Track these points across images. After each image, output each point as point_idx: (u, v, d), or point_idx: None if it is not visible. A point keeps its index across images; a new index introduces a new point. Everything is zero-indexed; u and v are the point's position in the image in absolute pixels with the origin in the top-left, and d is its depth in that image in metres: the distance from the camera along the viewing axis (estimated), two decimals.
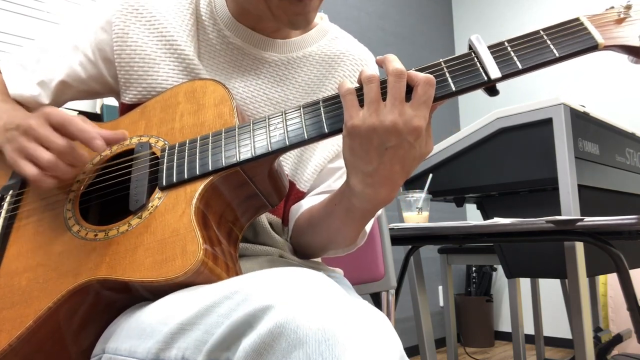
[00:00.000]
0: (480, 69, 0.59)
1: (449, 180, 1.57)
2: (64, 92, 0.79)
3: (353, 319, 0.44)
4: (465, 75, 0.60)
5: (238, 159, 0.62)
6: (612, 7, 0.61)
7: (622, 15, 0.60)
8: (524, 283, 2.29)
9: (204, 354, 0.46)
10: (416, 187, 1.56)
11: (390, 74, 0.57)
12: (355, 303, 0.47)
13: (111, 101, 1.74)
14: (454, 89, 0.59)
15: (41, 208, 0.69)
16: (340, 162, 0.82)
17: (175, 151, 0.66)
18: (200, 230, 0.57)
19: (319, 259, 0.89)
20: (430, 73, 0.60)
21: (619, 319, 2.53)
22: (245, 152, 0.62)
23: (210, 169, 0.62)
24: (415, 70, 0.60)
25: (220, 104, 0.69)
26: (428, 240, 1.52)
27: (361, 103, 0.59)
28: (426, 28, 3.65)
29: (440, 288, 3.30)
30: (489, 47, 0.60)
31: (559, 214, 1.30)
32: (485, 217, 1.71)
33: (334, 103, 0.63)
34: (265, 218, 0.76)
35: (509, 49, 0.60)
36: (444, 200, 1.70)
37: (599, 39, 0.58)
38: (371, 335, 0.44)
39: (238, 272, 0.61)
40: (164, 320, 0.51)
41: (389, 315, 1.21)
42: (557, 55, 0.58)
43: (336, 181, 0.82)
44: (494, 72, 0.58)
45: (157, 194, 0.63)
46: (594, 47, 0.58)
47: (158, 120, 0.71)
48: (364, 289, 1.19)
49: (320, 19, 0.88)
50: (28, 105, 0.78)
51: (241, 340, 0.44)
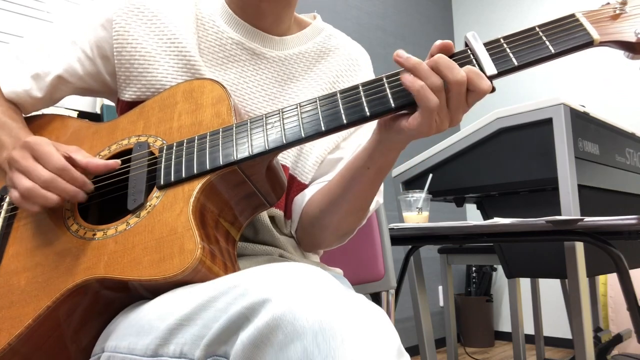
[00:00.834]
0: (476, 65, 0.59)
1: (449, 180, 1.57)
2: (60, 88, 0.79)
3: (350, 311, 0.44)
4: None
5: (235, 158, 0.62)
6: (608, 3, 0.61)
7: (618, 11, 0.60)
8: (524, 283, 2.29)
9: (202, 348, 0.46)
10: (416, 187, 1.56)
11: (456, 83, 0.58)
12: (352, 296, 0.47)
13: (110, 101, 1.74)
14: None
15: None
16: (340, 153, 0.83)
17: (173, 150, 0.66)
18: (197, 228, 0.57)
19: (318, 259, 0.89)
20: None
21: (619, 319, 2.53)
22: (242, 151, 0.62)
23: (207, 167, 0.62)
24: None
25: (218, 103, 0.69)
26: (428, 240, 1.52)
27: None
28: (426, 28, 3.65)
29: (440, 288, 3.30)
30: (485, 44, 0.60)
31: (559, 214, 1.30)
32: (485, 217, 1.71)
33: (330, 102, 0.63)
34: (266, 213, 0.76)
35: (505, 45, 0.60)
36: (444, 200, 1.70)
37: (595, 34, 0.58)
38: (368, 328, 0.44)
39: (236, 271, 0.61)
40: (162, 317, 0.51)
41: (388, 315, 1.21)
42: (553, 51, 0.58)
43: None
44: (490, 69, 0.59)
45: (155, 193, 0.63)
46: (590, 43, 0.59)
47: (156, 119, 0.71)
48: (363, 289, 1.19)
49: (314, 18, 0.89)
50: (22, 103, 0.78)
51: (239, 333, 0.44)
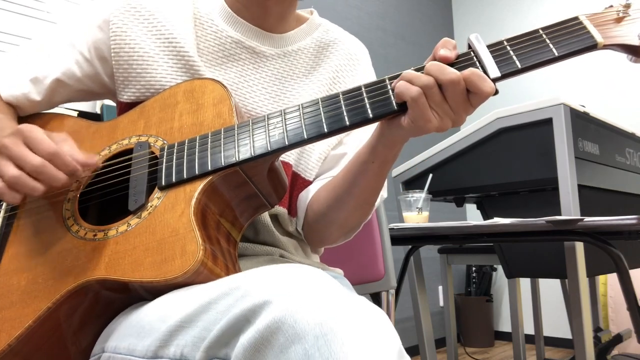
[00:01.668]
0: (480, 68, 0.59)
1: (449, 180, 1.57)
2: (58, 91, 0.79)
3: (351, 314, 0.44)
4: None
5: (237, 159, 0.62)
6: (612, 6, 0.61)
7: (622, 14, 0.60)
8: (524, 283, 2.29)
9: (203, 350, 0.46)
10: (416, 187, 1.56)
11: (449, 84, 0.58)
12: (353, 298, 0.47)
13: (111, 101, 1.74)
14: None
15: (40, 208, 0.68)
16: (343, 149, 0.83)
17: (175, 151, 0.66)
18: (199, 230, 0.57)
19: (318, 259, 0.89)
20: None
21: (619, 319, 2.53)
22: (244, 152, 0.62)
23: (209, 168, 0.62)
24: (414, 69, 0.61)
25: (220, 103, 0.69)
26: (428, 240, 1.52)
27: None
28: (426, 28, 3.64)
29: (440, 288, 3.30)
30: (488, 47, 0.60)
31: (559, 214, 1.30)
32: (485, 217, 1.71)
33: (332, 103, 0.63)
34: (267, 213, 0.76)
35: (508, 48, 0.60)
36: (444, 200, 1.70)
37: (598, 38, 0.58)
38: (369, 330, 0.44)
39: (237, 272, 0.61)
40: (162, 318, 0.51)
41: (388, 315, 1.21)
42: (557, 54, 0.58)
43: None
44: (493, 72, 0.58)
45: (157, 193, 0.63)
46: (593, 46, 0.58)
47: (157, 119, 0.71)
48: (364, 289, 1.19)
49: (311, 14, 0.89)
50: (21, 106, 0.78)
51: (239, 336, 0.44)
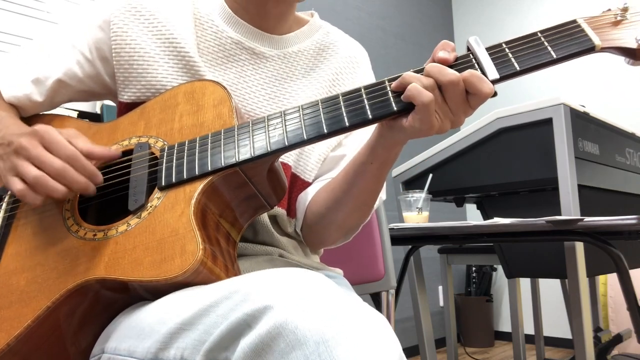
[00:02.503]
0: (479, 70, 0.60)
1: (449, 180, 1.57)
2: (60, 92, 0.79)
3: (352, 320, 0.44)
4: None
5: (237, 159, 0.62)
6: (609, 10, 0.62)
7: (619, 18, 0.61)
8: (524, 283, 2.29)
9: (203, 354, 0.46)
10: (416, 187, 1.56)
11: (449, 84, 0.58)
12: (354, 304, 0.47)
13: (111, 101, 1.74)
14: None
15: (40, 208, 0.68)
16: (343, 150, 0.83)
17: (175, 151, 0.66)
18: (199, 230, 0.57)
19: (318, 259, 0.89)
20: None
21: (619, 319, 2.53)
22: (244, 153, 0.62)
23: (209, 169, 0.62)
24: (414, 71, 0.61)
25: (220, 104, 0.69)
26: (428, 240, 1.52)
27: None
28: (426, 28, 3.65)
29: (440, 288, 3.30)
30: (487, 49, 0.61)
31: (559, 214, 1.30)
32: (485, 217, 1.71)
33: (332, 104, 0.63)
34: (265, 214, 0.76)
35: (507, 50, 0.60)
36: (444, 200, 1.70)
37: (596, 40, 0.59)
38: (370, 337, 0.43)
39: (237, 272, 0.61)
40: (163, 320, 0.51)
41: (388, 315, 1.21)
42: (555, 56, 0.59)
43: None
44: (492, 74, 0.59)
45: (157, 194, 0.63)
46: (591, 49, 0.59)
47: (157, 120, 0.71)
48: (364, 289, 1.19)
49: (311, 16, 0.89)
50: (23, 107, 0.78)
51: (240, 340, 0.44)
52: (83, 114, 1.71)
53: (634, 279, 1.22)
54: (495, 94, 0.59)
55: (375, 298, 1.22)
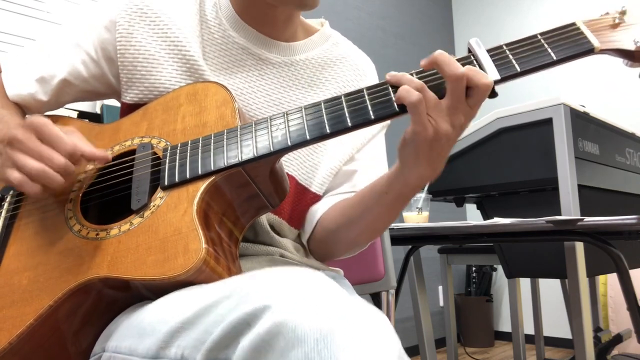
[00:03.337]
0: None
1: (449, 180, 1.58)
2: (65, 91, 0.79)
3: (351, 317, 0.44)
4: None
5: (240, 159, 0.62)
6: (607, 13, 0.63)
7: (617, 21, 0.62)
8: (524, 283, 2.29)
9: (203, 352, 0.46)
10: None
11: (454, 78, 0.58)
12: (353, 302, 0.47)
13: (111, 101, 1.74)
14: None
15: (42, 208, 0.69)
16: (355, 165, 0.83)
17: (177, 151, 0.66)
18: (202, 229, 0.57)
19: None
20: (432, 75, 0.61)
21: (619, 319, 2.53)
22: (247, 153, 0.62)
23: (212, 168, 0.62)
24: (416, 73, 0.62)
25: (222, 105, 0.69)
26: (428, 240, 1.52)
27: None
28: (426, 28, 3.65)
29: (440, 288, 3.30)
30: (488, 51, 0.61)
31: (559, 214, 1.30)
32: (485, 217, 1.71)
33: (334, 104, 0.63)
34: (265, 219, 0.76)
35: (508, 52, 0.61)
36: (444, 200, 1.70)
37: (595, 43, 0.60)
38: (369, 334, 0.44)
39: (239, 271, 0.61)
40: (164, 319, 0.51)
41: (388, 315, 1.21)
42: (555, 58, 0.60)
43: (360, 182, 0.83)
44: (493, 75, 0.60)
45: (159, 193, 0.63)
46: (590, 51, 0.60)
47: (160, 121, 0.71)
48: (364, 289, 1.19)
49: (321, 25, 0.89)
50: (27, 106, 0.78)
51: (240, 339, 0.44)
52: (83, 114, 1.71)
53: (634, 279, 1.22)
54: (496, 94, 0.59)
55: (375, 298, 1.22)
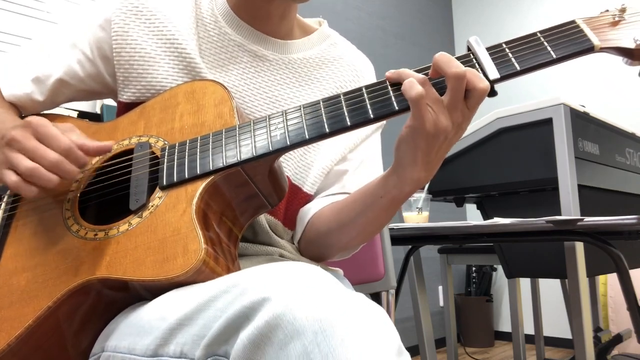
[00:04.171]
0: (479, 70, 0.60)
1: (449, 180, 1.57)
2: (61, 91, 0.79)
3: (350, 310, 0.44)
4: None
5: (239, 159, 0.62)
6: (607, 10, 0.63)
7: (617, 19, 0.61)
8: (524, 283, 2.29)
9: (202, 348, 0.46)
10: None
11: (454, 77, 0.58)
12: (352, 295, 0.47)
13: (111, 101, 1.74)
14: None
15: (40, 208, 0.68)
16: (346, 165, 0.83)
17: (176, 151, 0.66)
18: (201, 229, 0.57)
19: None
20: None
21: (619, 319, 2.53)
22: (246, 152, 0.62)
23: (211, 168, 0.62)
24: (415, 71, 0.61)
25: (220, 104, 0.69)
26: (428, 240, 1.52)
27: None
28: (426, 28, 3.65)
29: (440, 288, 3.30)
30: (487, 49, 0.61)
31: (559, 214, 1.30)
32: (485, 217, 1.71)
33: (333, 103, 0.63)
34: (264, 219, 0.76)
35: (507, 50, 0.61)
36: (444, 200, 1.70)
37: (595, 41, 0.60)
38: (368, 327, 0.44)
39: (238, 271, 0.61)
40: (162, 317, 0.51)
41: (388, 315, 1.21)
42: (554, 56, 0.59)
43: (349, 183, 0.82)
44: (493, 73, 0.59)
45: (158, 193, 0.63)
46: (590, 49, 0.60)
47: (157, 120, 0.71)
48: (363, 289, 1.18)
49: (320, 25, 0.89)
50: (23, 106, 0.78)
51: (239, 333, 0.44)
52: (83, 114, 1.71)
53: (634, 279, 1.22)
54: (495, 93, 0.59)
55: (375, 298, 1.22)
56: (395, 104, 0.61)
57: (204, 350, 0.46)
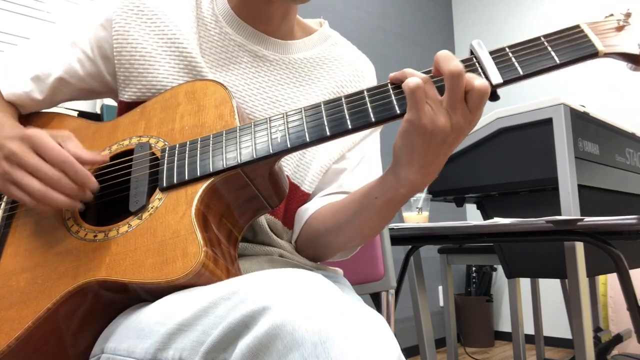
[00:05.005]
0: (482, 74, 0.59)
1: (449, 180, 1.57)
2: (61, 90, 0.79)
3: (350, 321, 0.44)
4: None
5: (239, 161, 0.62)
6: (612, 15, 0.61)
7: (622, 23, 0.60)
8: (524, 283, 2.29)
9: (201, 354, 0.46)
10: None
11: (449, 75, 0.57)
12: (352, 305, 0.47)
13: (111, 101, 1.74)
14: None
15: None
16: (344, 164, 0.82)
17: (176, 152, 0.66)
18: (201, 232, 0.57)
19: None
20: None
21: (619, 319, 2.53)
22: (246, 154, 0.62)
23: (211, 170, 0.62)
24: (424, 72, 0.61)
25: (221, 105, 0.69)
26: (428, 240, 1.52)
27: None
28: (426, 28, 3.64)
29: (440, 288, 3.30)
30: (490, 53, 0.60)
31: (559, 214, 1.30)
32: (485, 217, 1.71)
33: (335, 106, 0.63)
34: (264, 219, 0.76)
35: (510, 54, 0.60)
36: (444, 200, 1.70)
37: (599, 46, 0.58)
38: (368, 338, 0.43)
39: (237, 273, 0.61)
40: (162, 321, 0.51)
41: (388, 315, 1.21)
42: (558, 61, 0.59)
43: (346, 182, 0.82)
44: (496, 78, 0.59)
45: (158, 194, 0.63)
46: (594, 54, 0.59)
47: (158, 120, 0.71)
48: (363, 289, 1.18)
49: (320, 25, 0.89)
50: (22, 104, 0.78)
51: (238, 341, 0.44)
52: (83, 114, 1.71)
53: (634, 279, 1.22)
54: (497, 98, 0.59)
55: (375, 298, 1.22)
56: (397, 107, 0.60)
57: (203, 357, 0.46)
